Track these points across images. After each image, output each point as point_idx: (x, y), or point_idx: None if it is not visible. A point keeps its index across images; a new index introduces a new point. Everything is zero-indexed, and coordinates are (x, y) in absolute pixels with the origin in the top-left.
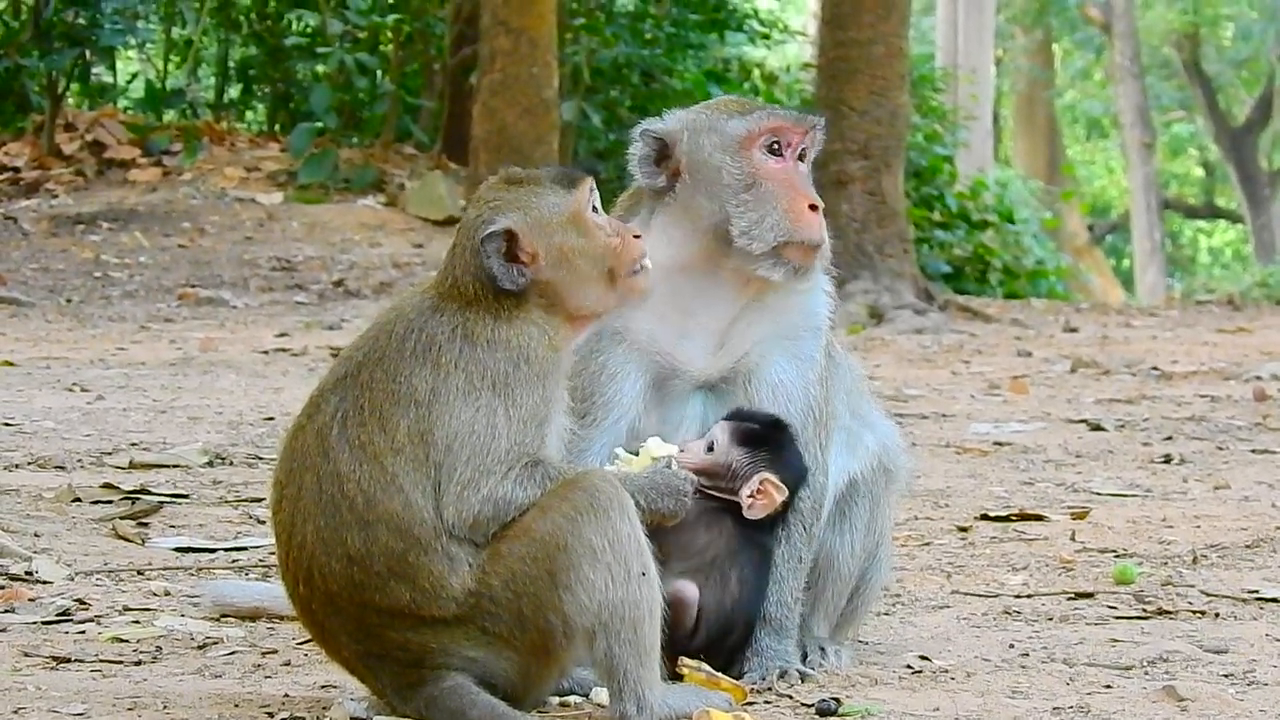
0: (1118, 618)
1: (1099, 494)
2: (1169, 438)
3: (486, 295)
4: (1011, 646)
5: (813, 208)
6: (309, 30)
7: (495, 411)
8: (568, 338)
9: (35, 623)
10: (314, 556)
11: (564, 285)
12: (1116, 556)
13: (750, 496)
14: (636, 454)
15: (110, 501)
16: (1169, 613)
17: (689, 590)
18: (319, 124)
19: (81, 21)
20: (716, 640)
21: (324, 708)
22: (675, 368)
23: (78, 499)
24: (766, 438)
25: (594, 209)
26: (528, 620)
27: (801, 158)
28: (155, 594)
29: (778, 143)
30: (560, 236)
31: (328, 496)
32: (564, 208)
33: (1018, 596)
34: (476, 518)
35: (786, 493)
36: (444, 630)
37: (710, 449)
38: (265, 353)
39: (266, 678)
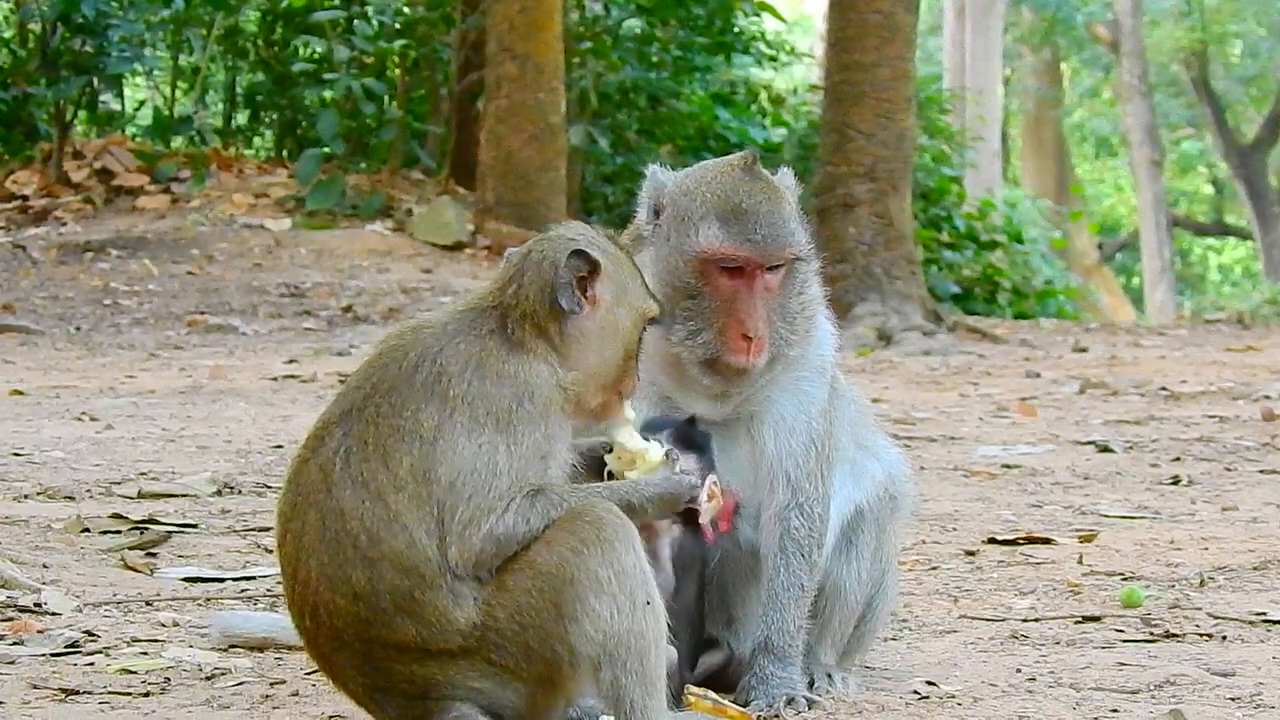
0: (1125, 641)
1: (1107, 516)
2: (1177, 459)
3: (533, 313)
4: (1018, 671)
5: (746, 338)
6: (316, 57)
7: (497, 449)
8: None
9: (44, 655)
10: (318, 592)
11: (588, 347)
12: (1124, 579)
13: (707, 500)
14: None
15: (119, 532)
16: (1176, 636)
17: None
18: (326, 150)
19: (89, 50)
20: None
21: None
22: (681, 410)
23: (86, 529)
24: (703, 444)
25: (640, 347)
26: (534, 652)
27: (778, 268)
28: (164, 625)
29: (737, 265)
30: (621, 313)
31: (331, 533)
32: (641, 300)
33: (1025, 620)
34: (479, 556)
35: (728, 492)
36: (450, 662)
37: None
38: (274, 380)
39: (275, 708)
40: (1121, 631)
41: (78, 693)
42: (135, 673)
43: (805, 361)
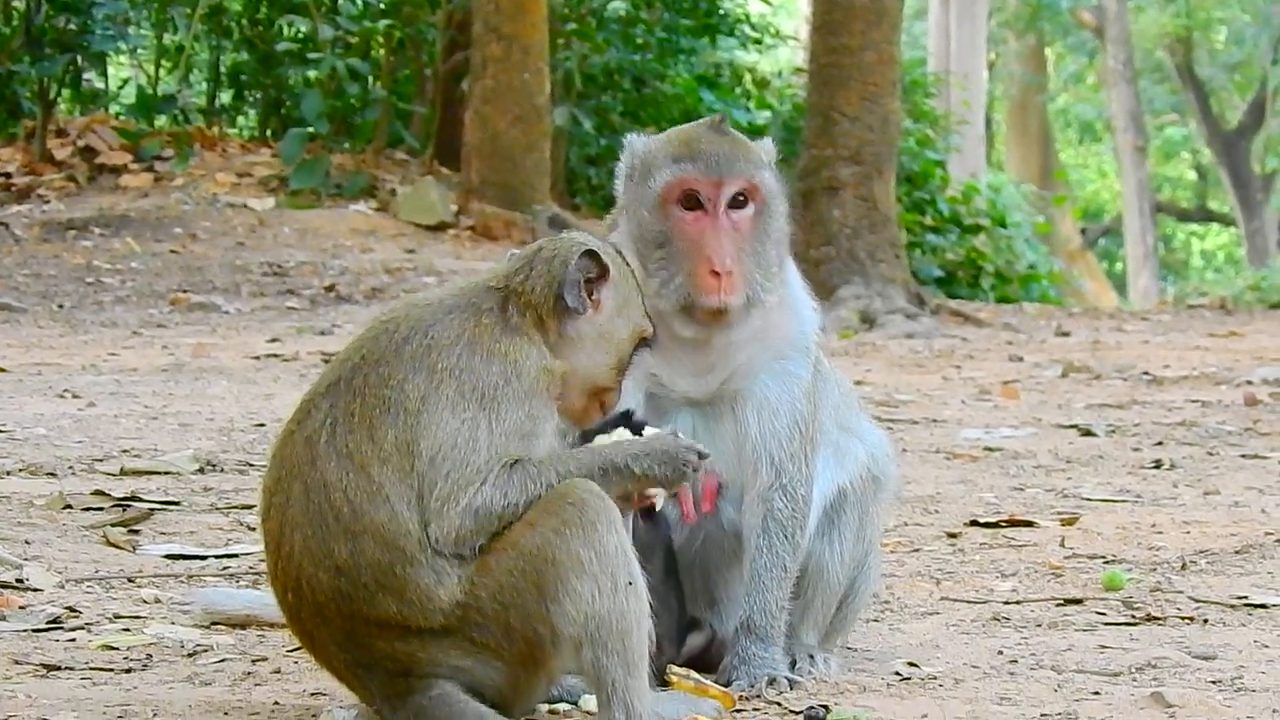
0: (1106, 624)
1: (1089, 500)
2: (1159, 443)
3: (537, 305)
4: (1000, 653)
5: (715, 273)
6: (300, 36)
7: (479, 424)
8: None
9: (25, 630)
10: (301, 566)
11: (581, 349)
12: (1106, 563)
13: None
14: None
15: (101, 508)
16: (1158, 619)
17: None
18: (310, 130)
19: (73, 28)
20: None
21: (314, 715)
22: (665, 386)
23: (69, 506)
24: (637, 432)
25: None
26: (515, 631)
27: (742, 203)
28: (146, 601)
29: (695, 196)
30: (620, 324)
31: (315, 506)
32: (639, 317)
33: (1007, 603)
34: (459, 531)
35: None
36: (432, 640)
37: None
38: (257, 358)
39: (256, 685)
40: (1103, 614)
41: (59, 668)
42: (117, 649)
43: (789, 341)
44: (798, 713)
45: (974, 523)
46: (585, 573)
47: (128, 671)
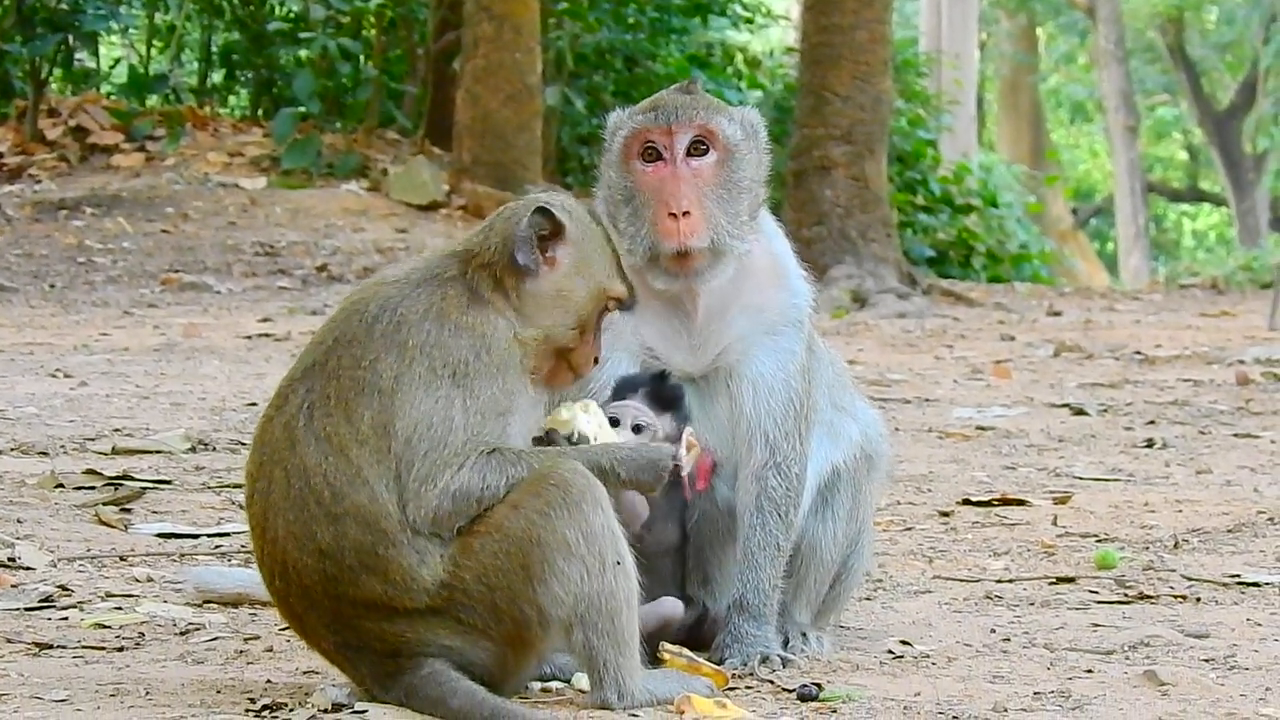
0: (1099, 603)
1: (1081, 479)
2: (1151, 422)
3: (492, 264)
4: (993, 631)
5: (673, 215)
6: (292, 16)
7: (453, 403)
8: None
9: (18, 609)
10: (286, 551)
11: (540, 309)
12: (1098, 541)
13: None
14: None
15: (93, 488)
16: (1150, 597)
17: (675, 610)
18: (302, 109)
19: (64, 7)
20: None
21: (306, 694)
22: (659, 362)
23: (61, 485)
24: (677, 399)
25: (599, 325)
26: (503, 612)
27: (702, 151)
28: (138, 580)
29: (652, 147)
30: (579, 282)
31: (296, 491)
32: (605, 277)
33: (999, 581)
34: (436, 512)
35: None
36: (419, 620)
37: (639, 429)
38: (248, 338)
39: (249, 664)
40: (1096, 593)
41: (51, 647)
42: (109, 627)
43: (782, 314)
44: (790, 691)
45: (966, 501)
46: (573, 555)
47: (120, 650)
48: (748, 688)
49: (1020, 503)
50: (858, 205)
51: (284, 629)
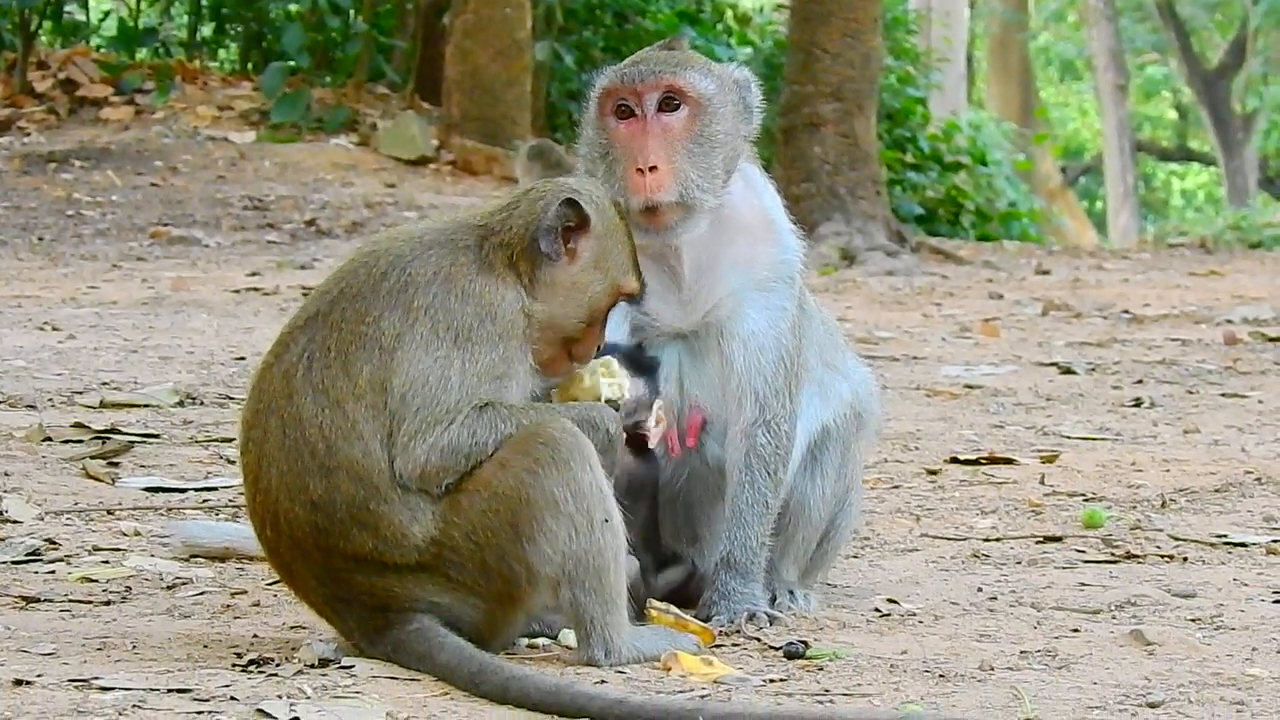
0: (1086, 562)
1: (1069, 438)
2: (1139, 381)
3: (511, 244)
4: (979, 590)
5: (640, 170)
6: None
7: (451, 363)
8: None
9: (4, 562)
10: (278, 501)
11: (553, 298)
12: (1085, 500)
13: (654, 425)
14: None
15: (81, 441)
16: (1137, 557)
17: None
18: (292, 63)
19: None
20: None
21: (293, 649)
22: (650, 318)
23: (48, 438)
24: (652, 368)
25: (607, 319)
26: (491, 570)
27: (674, 107)
28: (125, 534)
29: (624, 104)
30: (596, 276)
31: (291, 441)
32: (620, 273)
33: (986, 540)
34: (424, 467)
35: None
36: (408, 576)
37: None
38: (237, 292)
39: (236, 618)
40: (1083, 552)
41: (38, 600)
42: (96, 581)
43: (773, 270)
44: (777, 648)
45: (954, 460)
46: (561, 512)
47: (107, 604)
48: (735, 645)
49: (1008, 461)
50: (846, 162)
51: (272, 583)
